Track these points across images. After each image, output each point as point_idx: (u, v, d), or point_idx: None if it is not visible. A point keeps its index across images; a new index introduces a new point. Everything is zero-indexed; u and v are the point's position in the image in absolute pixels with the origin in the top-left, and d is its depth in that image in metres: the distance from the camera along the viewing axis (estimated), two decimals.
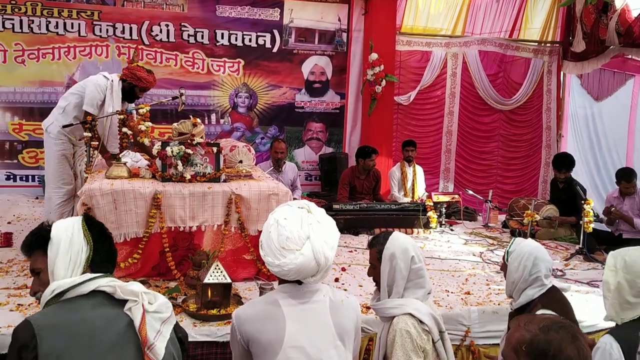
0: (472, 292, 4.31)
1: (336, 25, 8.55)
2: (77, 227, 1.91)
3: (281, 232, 2.08)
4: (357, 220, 6.18)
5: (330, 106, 8.74)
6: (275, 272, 2.10)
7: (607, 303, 2.35)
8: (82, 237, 1.88)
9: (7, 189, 7.47)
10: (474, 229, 6.65)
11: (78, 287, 1.79)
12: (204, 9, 7.99)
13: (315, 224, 2.12)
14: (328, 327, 2.13)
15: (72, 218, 1.98)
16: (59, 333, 1.71)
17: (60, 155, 4.89)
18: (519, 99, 9.18)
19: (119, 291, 1.81)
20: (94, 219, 2.03)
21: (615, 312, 2.32)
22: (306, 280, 2.12)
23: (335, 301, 2.18)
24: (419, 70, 8.78)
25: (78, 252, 1.86)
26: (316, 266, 2.07)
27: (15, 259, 4.53)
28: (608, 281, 2.33)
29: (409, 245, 2.63)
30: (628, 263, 2.29)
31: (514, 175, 9.39)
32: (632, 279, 2.26)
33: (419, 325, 2.53)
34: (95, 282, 1.81)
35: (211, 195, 4.11)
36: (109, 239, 1.97)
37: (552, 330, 1.63)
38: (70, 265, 1.85)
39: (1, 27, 7.34)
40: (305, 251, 2.05)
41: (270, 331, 2.05)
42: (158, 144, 4.24)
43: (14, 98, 7.50)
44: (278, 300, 2.12)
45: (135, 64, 4.95)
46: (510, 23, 9.12)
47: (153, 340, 1.79)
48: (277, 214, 2.16)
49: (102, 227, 1.99)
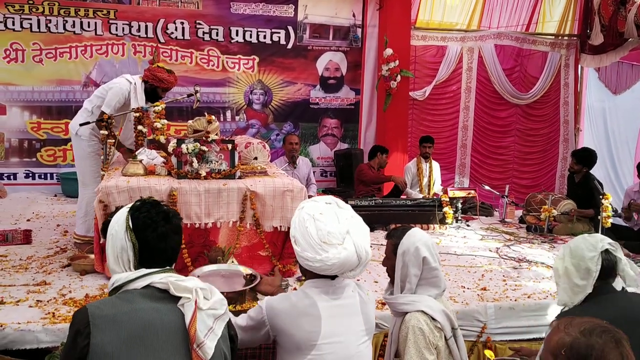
0: (488, 288, 4.28)
1: (351, 21, 8.53)
2: (121, 221, 1.90)
3: (320, 227, 2.08)
4: (373, 216, 6.16)
5: (345, 102, 8.73)
6: (315, 267, 2.10)
7: (560, 289, 2.50)
8: (123, 234, 1.87)
9: (26, 186, 7.57)
10: (491, 224, 6.60)
11: (133, 282, 1.82)
12: (219, 6, 8.01)
13: (350, 219, 2.13)
14: (358, 324, 2.14)
15: (125, 208, 1.95)
16: (113, 324, 1.74)
17: (95, 155, 4.87)
18: (536, 93, 9.09)
19: (172, 288, 1.81)
20: (148, 205, 1.95)
21: (568, 297, 2.46)
22: (345, 275, 2.12)
23: (363, 297, 2.20)
24: (435, 65, 8.73)
25: (122, 250, 1.86)
26: (357, 260, 2.09)
27: (34, 255, 4.59)
28: (557, 267, 2.52)
29: (423, 245, 2.58)
30: (572, 249, 2.48)
31: (531, 170, 9.31)
32: (577, 262, 2.44)
33: (431, 323, 2.52)
34: (149, 277, 1.82)
35: (226, 192, 4.13)
36: (160, 227, 1.90)
37: (595, 334, 1.56)
38: (119, 260, 1.87)
39: (19, 27, 7.43)
40: (347, 245, 2.07)
41: (305, 328, 2.05)
42: (173, 141, 4.26)
43: (32, 97, 7.59)
44: (313, 296, 2.12)
45: (155, 65, 4.97)
46: (527, 16, 9.03)
47: (203, 338, 1.78)
48: (309, 209, 2.16)
49: (152, 215, 1.91)
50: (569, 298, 2.46)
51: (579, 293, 2.42)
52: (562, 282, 2.48)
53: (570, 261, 2.47)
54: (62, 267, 4.30)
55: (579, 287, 2.42)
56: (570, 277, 2.45)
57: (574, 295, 2.44)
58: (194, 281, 1.87)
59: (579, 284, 2.42)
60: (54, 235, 5.37)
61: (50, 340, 3.15)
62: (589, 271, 2.41)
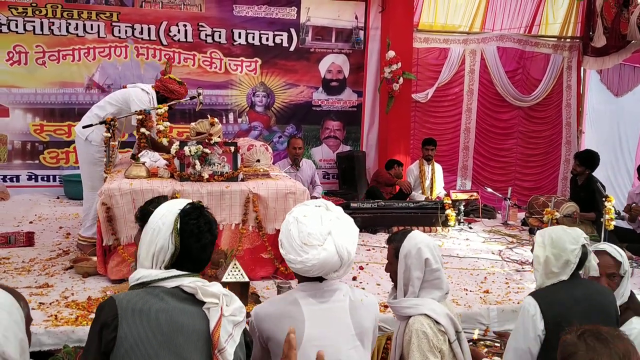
0: (491, 290, 4.28)
1: (353, 23, 8.53)
2: (169, 221, 1.84)
3: (302, 229, 2.09)
4: (375, 219, 6.16)
5: (348, 104, 8.73)
6: (297, 269, 2.11)
7: (537, 274, 2.68)
8: (168, 235, 1.82)
9: (29, 189, 7.58)
10: (493, 226, 6.60)
11: (162, 282, 1.80)
12: (221, 8, 8.02)
13: (335, 220, 2.13)
14: (347, 328, 2.13)
15: (177, 204, 1.90)
16: (141, 318, 1.71)
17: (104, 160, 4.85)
18: (538, 96, 9.08)
19: (199, 293, 1.79)
20: (197, 211, 1.90)
21: (542, 281, 2.65)
22: (329, 277, 2.12)
23: (354, 301, 2.19)
24: (437, 68, 8.72)
25: (161, 248, 1.82)
26: (339, 261, 2.08)
27: (37, 258, 4.60)
28: (538, 255, 2.66)
29: (425, 246, 2.59)
30: (554, 239, 2.63)
31: (533, 172, 9.29)
32: (557, 253, 2.60)
33: (435, 326, 2.52)
34: (178, 280, 1.81)
35: (229, 194, 4.14)
36: (204, 238, 1.88)
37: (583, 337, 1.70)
38: (154, 258, 1.83)
39: (22, 29, 7.44)
40: (327, 246, 2.06)
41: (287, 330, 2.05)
42: (176, 143, 4.27)
43: (35, 99, 7.61)
44: (298, 299, 2.12)
45: (167, 76, 4.97)
46: (529, 19, 9.02)
47: (224, 344, 1.77)
48: (296, 212, 2.18)
49: (200, 224, 1.88)
50: (542, 282, 2.65)
51: (552, 278, 2.61)
52: (540, 269, 2.65)
53: (551, 251, 2.62)
54: (64, 270, 4.31)
55: (554, 273, 2.61)
56: (549, 265, 2.62)
57: (547, 280, 2.63)
58: (218, 287, 1.86)
59: (555, 271, 2.61)
60: (56, 238, 5.38)
61: (52, 342, 3.16)
62: (567, 262, 2.59)
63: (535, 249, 2.71)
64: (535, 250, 2.70)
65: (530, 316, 2.54)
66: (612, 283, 2.71)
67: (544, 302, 2.55)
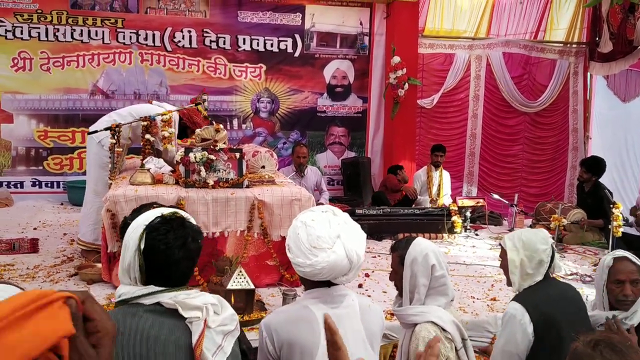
0: (498, 298, 4.23)
1: (358, 29, 8.52)
2: (135, 237, 1.76)
3: (310, 232, 2.07)
4: (381, 225, 6.12)
5: (353, 110, 8.71)
6: (306, 272, 2.08)
7: (515, 278, 2.78)
8: (132, 253, 1.74)
9: (33, 195, 7.57)
10: (500, 233, 6.54)
11: (140, 299, 1.73)
12: (226, 14, 8.02)
13: (343, 224, 2.11)
14: (359, 333, 2.12)
15: (149, 217, 1.79)
16: (117, 338, 1.66)
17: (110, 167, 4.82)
18: (545, 101, 9.04)
19: (180, 309, 1.72)
20: (167, 225, 1.78)
21: (519, 284, 2.76)
22: (338, 280, 2.10)
23: (363, 306, 2.17)
24: (442, 73, 8.70)
25: (129, 266, 1.75)
26: (348, 264, 2.06)
27: (41, 264, 4.58)
28: (514, 259, 2.77)
29: (431, 252, 2.57)
30: (525, 242, 2.77)
31: (539, 178, 9.24)
32: (530, 254, 2.73)
33: (441, 333, 2.49)
34: (156, 296, 1.73)
35: (234, 201, 4.11)
36: (174, 254, 1.77)
37: (590, 346, 1.66)
38: (127, 274, 1.76)
39: (27, 35, 7.45)
40: (337, 249, 2.04)
41: (306, 334, 2.03)
42: (181, 150, 4.25)
43: (39, 105, 7.61)
44: (309, 306, 2.10)
45: (197, 106, 4.94)
46: (535, 24, 9.00)
47: (211, 357, 1.70)
48: (303, 217, 2.16)
49: (169, 240, 1.76)
50: (519, 285, 2.76)
51: (527, 279, 2.74)
52: (517, 272, 2.76)
53: (524, 253, 2.75)
54: (69, 276, 4.28)
55: (529, 275, 2.74)
56: (524, 267, 2.75)
57: (523, 282, 2.75)
58: (204, 298, 1.78)
59: (530, 272, 2.73)
60: (60, 244, 5.35)
61: None
62: (541, 262, 2.73)
63: (509, 253, 2.81)
64: (510, 255, 2.81)
65: (518, 321, 2.62)
66: (636, 290, 2.67)
67: (529, 305, 2.64)
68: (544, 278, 2.75)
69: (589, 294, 3.81)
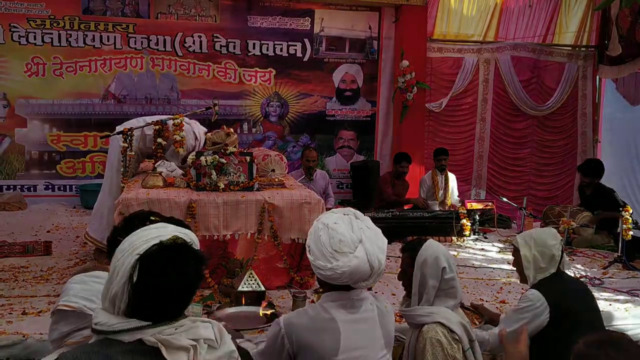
0: (507, 300, 4.25)
1: (367, 33, 8.56)
2: (126, 265, 1.49)
3: (333, 236, 2.07)
4: (390, 229, 6.12)
5: (362, 114, 8.74)
6: (326, 275, 2.08)
7: (529, 272, 3.01)
8: (122, 284, 1.48)
9: (46, 198, 7.66)
10: (508, 236, 6.54)
11: (119, 334, 1.48)
12: (236, 19, 8.09)
13: (365, 229, 2.12)
14: (378, 338, 2.13)
15: (144, 241, 1.52)
16: None
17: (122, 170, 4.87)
18: (553, 105, 9.04)
19: (163, 350, 1.46)
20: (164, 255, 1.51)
21: (533, 277, 3.00)
22: (357, 285, 2.10)
23: (381, 309, 2.18)
24: (451, 77, 8.72)
25: (116, 295, 1.49)
26: (369, 270, 2.07)
27: (54, 266, 4.64)
28: (526, 255, 3.02)
29: (442, 255, 2.61)
30: (536, 239, 3.02)
31: (548, 181, 9.23)
32: (542, 250, 2.98)
33: (449, 334, 2.51)
34: (138, 332, 1.47)
35: (244, 204, 4.15)
36: (174, 287, 1.51)
37: (593, 347, 1.68)
38: (110, 302, 1.51)
39: (40, 41, 7.55)
40: (359, 254, 2.05)
41: (326, 342, 2.03)
42: (192, 153, 4.30)
43: (52, 110, 7.70)
44: (330, 310, 2.10)
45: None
46: (543, 28, 9.01)
47: None
48: (325, 219, 2.15)
49: (168, 271, 1.50)
50: (534, 278, 2.99)
51: (541, 273, 2.98)
52: (531, 267, 3.00)
53: (535, 249, 2.99)
54: None
55: (542, 269, 2.98)
56: (537, 262, 2.98)
57: (538, 275, 2.99)
58: (199, 330, 1.53)
59: (543, 266, 2.98)
60: (73, 247, 5.42)
61: None
62: (553, 257, 2.97)
63: (522, 250, 3.05)
64: (522, 252, 3.05)
65: (536, 307, 2.88)
66: None
67: (547, 293, 2.89)
68: (556, 271, 2.99)
69: (597, 297, 3.82)
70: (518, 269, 3.16)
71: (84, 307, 1.82)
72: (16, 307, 3.66)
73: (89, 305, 1.81)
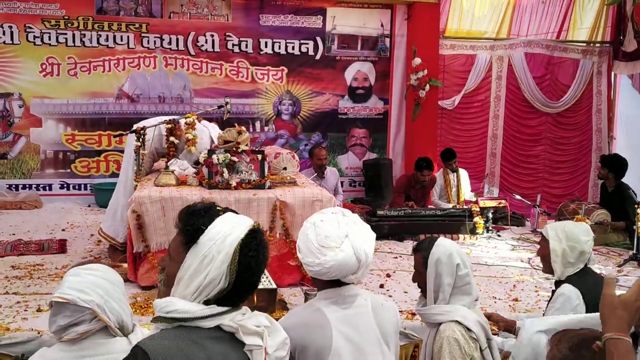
0: (520, 298, 4.24)
1: (379, 31, 8.55)
2: (227, 251, 1.55)
3: (319, 232, 2.10)
4: (402, 226, 6.14)
5: (374, 112, 8.73)
6: (315, 271, 2.11)
7: (557, 266, 2.99)
8: (224, 269, 1.54)
9: (61, 197, 7.74)
10: (522, 234, 6.52)
11: (200, 321, 1.52)
12: (248, 18, 8.11)
13: (351, 224, 2.14)
14: (373, 332, 2.13)
15: (236, 228, 1.59)
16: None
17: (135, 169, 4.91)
18: (567, 101, 8.96)
19: (240, 333, 1.55)
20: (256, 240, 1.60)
21: (561, 271, 2.99)
22: (347, 279, 2.12)
23: (376, 305, 2.19)
24: (464, 74, 8.68)
25: (211, 282, 1.54)
26: (357, 263, 2.08)
27: (69, 264, 4.68)
28: (555, 249, 2.99)
29: (454, 251, 2.60)
30: (568, 233, 2.99)
31: (562, 179, 9.15)
32: (572, 245, 2.96)
33: (466, 333, 2.50)
34: (219, 318, 1.54)
35: (256, 201, 4.17)
36: (260, 271, 1.63)
37: (583, 348, 1.56)
38: (198, 290, 1.55)
39: (55, 41, 7.63)
40: (345, 248, 2.07)
41: (318, 338, 2.05)
42: (204, 152, 4.32)
43: (66, 110, 7.78)
44: (321, 307, 2.12)
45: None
46: (557, 24, 8.92)
47: None
48: (312, 218, 2.20)
49: (259, 257, 1.60)
50: (561, 273, 2.98)
51: (570, 267, 2.96)
52: (559, 260, 2.98)
53: (566, 243, 2.96)
54: None
55: (570, 264, 2.96)
56: (566, 257, 2.96)
57: (566, 270, 2.97)
58: (257, 318, 1.64)
59: (572, 261, 2.96)
60: (88, 245, 5.48)
61: None
62: (582, 253, 2.96)
63: (552, 243, 3.01)
64: (552, 245, 3.01)
65: (574, 304, 2.84)
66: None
67: (583, 289, 2.87)
68: (584, 267, 2.98)
69: None
70: (544, 259, 3.12)
71: (77, 299, 1.94)
72: (31, 304, 3.71)
73: (82, 297, 1.94)
